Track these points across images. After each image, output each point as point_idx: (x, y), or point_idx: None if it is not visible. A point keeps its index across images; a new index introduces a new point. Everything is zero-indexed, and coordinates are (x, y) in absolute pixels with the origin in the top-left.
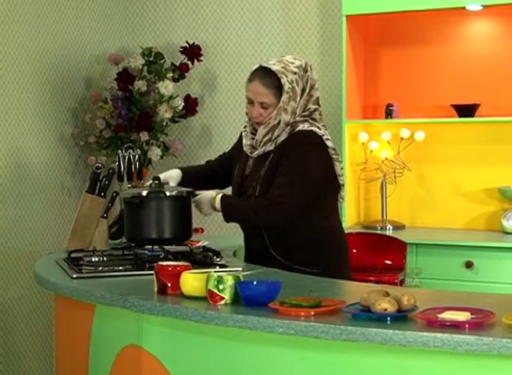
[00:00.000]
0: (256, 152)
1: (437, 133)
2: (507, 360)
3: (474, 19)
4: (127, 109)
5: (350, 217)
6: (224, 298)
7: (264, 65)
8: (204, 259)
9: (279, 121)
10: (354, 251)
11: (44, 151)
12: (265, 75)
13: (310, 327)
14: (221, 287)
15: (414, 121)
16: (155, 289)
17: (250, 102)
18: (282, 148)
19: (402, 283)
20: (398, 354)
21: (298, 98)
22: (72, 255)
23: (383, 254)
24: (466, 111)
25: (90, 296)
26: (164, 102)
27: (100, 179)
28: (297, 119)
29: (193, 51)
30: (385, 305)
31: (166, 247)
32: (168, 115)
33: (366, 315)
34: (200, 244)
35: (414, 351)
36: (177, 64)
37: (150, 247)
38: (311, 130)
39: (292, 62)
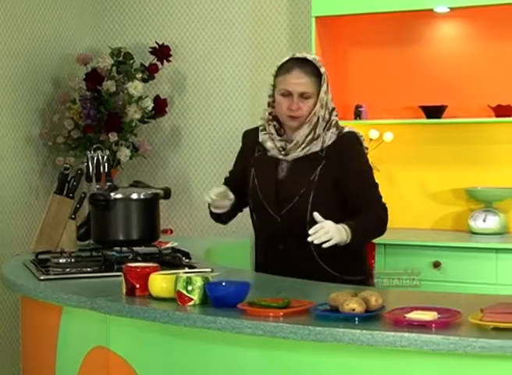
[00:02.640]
0: (295, 154)
1: (405, 134)
2: (473, 359)
3: (441, 21)
4: (96, 110)
5: None
6: (193, 299)
7: (298, 55)
8: (172, 260)
9: (318, 117)
10: None
11: (12, 152)
12: (304, 64)
13: (278, 328)
14: (190, 288)
15: (383, 122)
16: (124, 290)
17: (286, 95)
18: (338, 151)
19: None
20: (366, 354)
21: (329, 93)
22: (40, 256)
23: None
24: (434, 112)
25: (58, 298)
26: (133, 103)
27: (68, 180)
28: (332, 117)
29: (162, 52)
30: (354, 305)
31: (135, 248)
32: (138, 115)
33: (334, 315)
34: (169, 245)
35: (381, 350)
36: (146, 64)
37: (118, 248)
38: (355, 131)
39: (315, 57)
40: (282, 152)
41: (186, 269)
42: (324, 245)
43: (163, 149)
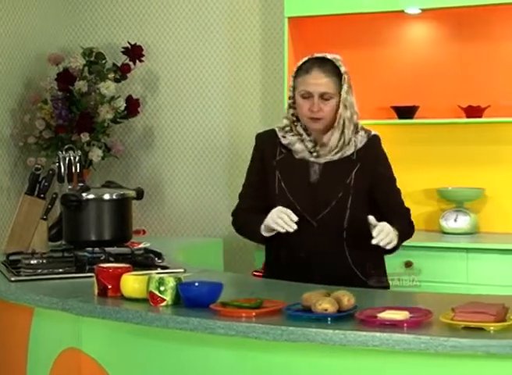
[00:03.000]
0: (328, 158)
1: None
2: (444, 358)
3: (413, 22)
4: (68, 110)
5: None
6: (165, 300)
7: (317, 55)
8: (145, 261)
9: (344, 119)
10: None
11: None
12: (323, 63)
13: (251, 328)
14: (162, 288)
15: None
16: (96, 291)
17: (307, 97)
18: (370, 155)
19: None
20: (339, 353)
21: (352, 94)
22: (11, 257)
23: None
24: (405, 113)
25: (29, 299)
26: (105, 103)
27: (39, 180)
28: (357, 120)
29: (134, 52)
30: (326, 306)
31: (107, 249)
32: (110, 116)
33: (306, 315)
34: (141, 245)
35: (354, 350)
36: (119, 64)
37: (90, 249)
38: (376, 133)
39: (335, 56)
40: (314, 154)
41: (159, 270)
42: (387, 247)
43: (135, 149)
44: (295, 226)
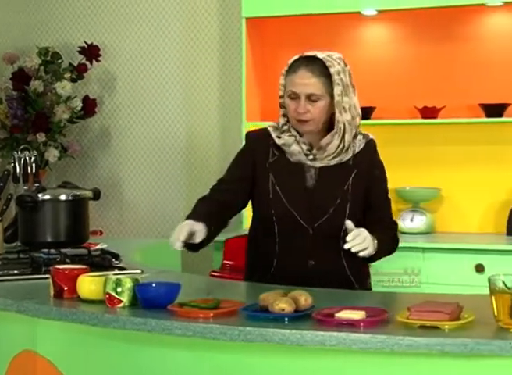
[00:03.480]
0: (325, 162)
1: None
2: (400, 357)
3: (369, 23)
4: (23, 110)
5: (250, 218)
6: (122, 301)
7: (307, 54)
8: (102, 262)
9: (344, 124)
10: None
11: None
12: (311, 63)
13: (208, 329)
14: (119, 289)
15: None
16: (51, 293)
17: (294, 98)
18: (367, 160)
19: None
20: (296, 353)
21: (352, 94)
22: None
23: None
24: (362, 113)
25: None
26: (61, 103)
27: None
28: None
29: (91, 52)
30: (283, 305)
31: (63, 250)
32: (66, 116)
33: (264, 315)
34: (98, 246)
35: (311, 350)
36: (75, 64)
37: (46, 250)
38: (373, 138)
39: (331, 54)
40: (310, 157)
41: (116, 271)
42: (361, 254)
43: (92, 150)
44: (177, 246)
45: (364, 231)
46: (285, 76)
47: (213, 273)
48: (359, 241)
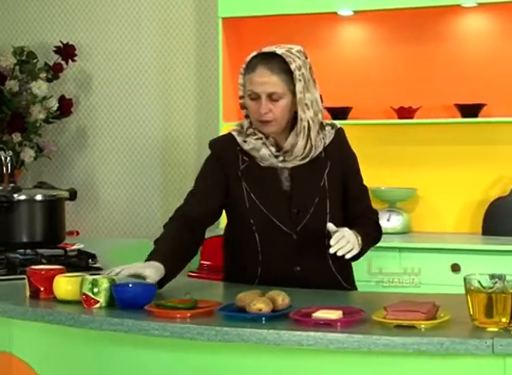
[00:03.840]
0: (297, 162)
1: None
2: (377, 356)
3: (345, 24)
4: None
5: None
6: (99, 302)
7: (265, 50)
8: (78, 262)
9: (308, 122)
10: None
11: None
12: (270, 59)
13: (185, 329)
14: (95, 290)
15: None
16: (27, 294)
17: (254, 98)
18: (339, 151)
19: None
20: (274, 353)
21: (314, 89)
22: None
23: None
24: (339, 113)
25: None
26: (37, 103)
27: None
28: (321, 117)
29: (67, 51)
30: (260, 305)
31: (39, 250)
32: (42, 115)
33: (241, 315)
34: (74, 247)
35: (288, 350)
36: (51, 64)
37: (22, 250)
38: (341, 126)
39: (291, 47)
40: (280, 158)
41: (92, 271)
42: (347, 256)
43: (68, 150)
44: (113, 273)
45: (346, 231)
46: (243, 74)
47: (190, 274)
48: (343, 243)
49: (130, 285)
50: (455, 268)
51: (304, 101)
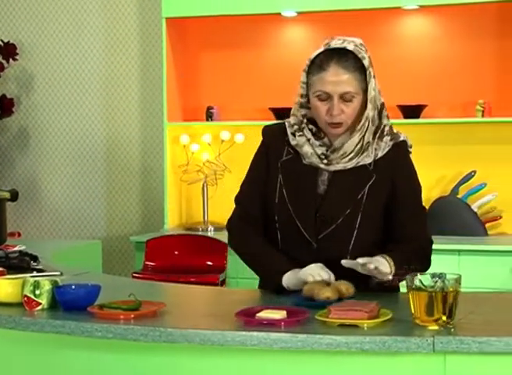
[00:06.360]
0: (340, 166)
1: (256, 136)
2: (321, 355)
3: (289, 24)
4: None
5: (171, 219)
6: (41, 304)
7: (334, 45)
8: (20, 264)
9: (369, 121)
10: (176, 252)
11: None
12: (343, 56)
13: (129, 330)
14: (37, 292)
15: (234, 124)
16: None
17: (324, 98)
18: (391, 166)
19: (223, 283)
20: (218, 354)
21: (377, 86)
22: None
23: (204, 255)
24: (283, 114)
25: None
26: None
27: None
28: (384, 121)
29: (8, 50)
30: (328, 294)
31: None
32: None
33: (311, 303)
34: (16, 248)
35: (233, 350)
36: None
37: None
38: (407, 140)
39: (353, 40)
40: (324, 161)
41: (35, 273)
42: (377, 275)
43: (10, 150)
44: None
45: (376, 260)
46: (308, 73)
47: (135, 275)
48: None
49: (73, 287)
50: None
51: (373, 101)
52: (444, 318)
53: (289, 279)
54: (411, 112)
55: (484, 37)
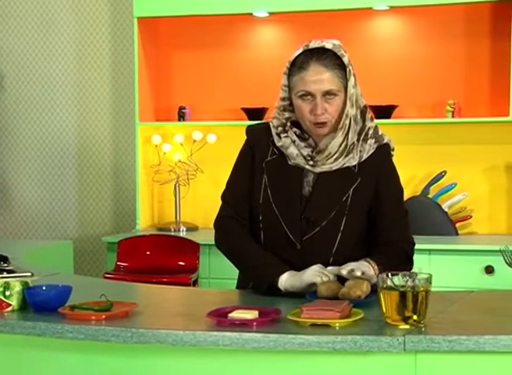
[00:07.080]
0: (326, 167)
1: (228, 136)
2: (292, 355)
3: (261, 25)
4: None
5: (143, 219)
6: (11, 305)
7: (312, 45)
8: None
9: (350, 119)
10: (148, 253)
11: None
12: (322, 54)
13: (100, 331)
14: (7, 293)
15: (206, 124)
16: None
17: (307, 98)
18: (375, 169)
19: (195, 283)
20: (190, 354)
21: (357, 86)
22: None
23: (176, 255)
24: (255, 114)
25: None
26: None
27: None
28: (368, 123)
29: None
30: (359, 293)
31: None
32: None
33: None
34: None
35: (205, 350)
36: None
37: None
38: (390, 142)
39: (333, 41)
40: (310, 162)
41: (5, 274)
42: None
43: None
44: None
45: (360, 264)
46: (288, 75)
47: (106, 275)
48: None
49: (44, 288)
50: None
51: (354, 98)
52: (415, 317)
53: (289, 281)
54: (382, 112)
55: (453, 38)
